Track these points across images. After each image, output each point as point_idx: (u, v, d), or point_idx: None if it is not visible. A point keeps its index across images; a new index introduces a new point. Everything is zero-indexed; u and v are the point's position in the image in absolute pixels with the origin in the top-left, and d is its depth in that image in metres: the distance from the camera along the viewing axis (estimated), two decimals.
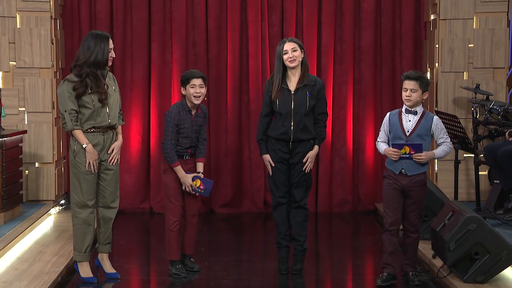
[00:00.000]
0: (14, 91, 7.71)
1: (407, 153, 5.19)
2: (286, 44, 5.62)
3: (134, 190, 8.18)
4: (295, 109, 5.60)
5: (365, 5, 8.15)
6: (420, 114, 5.28)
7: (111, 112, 5.38)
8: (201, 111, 5.71)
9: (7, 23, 7.67)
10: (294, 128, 5.61)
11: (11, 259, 5.89)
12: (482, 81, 7.64)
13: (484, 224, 5.21)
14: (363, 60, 8.21)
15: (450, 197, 6.82)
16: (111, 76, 5.51)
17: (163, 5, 8.15)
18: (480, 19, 7.75)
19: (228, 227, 7.83)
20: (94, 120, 5.34)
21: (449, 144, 5.34)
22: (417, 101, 5.28)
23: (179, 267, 5.70)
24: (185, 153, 5.65)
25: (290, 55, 5.58)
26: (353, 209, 8.24)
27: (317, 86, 5.65)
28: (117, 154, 5.45)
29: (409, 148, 5.19)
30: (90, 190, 5.39)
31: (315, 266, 6.22)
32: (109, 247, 5.60)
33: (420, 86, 5.23)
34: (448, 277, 5.33)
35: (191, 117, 5.64)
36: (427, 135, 5.27)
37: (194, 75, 5.63)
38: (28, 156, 7.69)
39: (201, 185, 5.63)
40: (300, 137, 5.63)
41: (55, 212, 7.60)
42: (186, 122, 5.60)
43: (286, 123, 5.61)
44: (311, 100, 5.63)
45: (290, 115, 5.60)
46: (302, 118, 5.61)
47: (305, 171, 5.68)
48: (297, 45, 5.63)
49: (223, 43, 8.18)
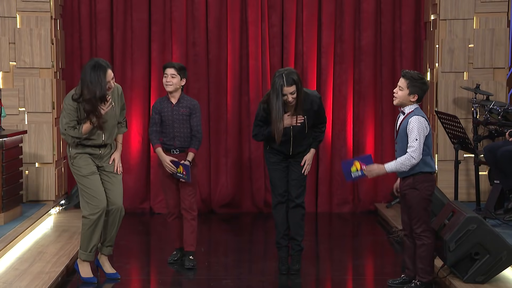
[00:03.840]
0: (14, 91, 7.71)
1: (359, 169, 4.97)
2: (285, 88, 5.44)
3: (134, 190, 8.18)
4: (294, 134, 5.63)
5: (365, 6, 8.14)
6: (406, 114, 5.09)
7: (106, 133, 5.43)
8: (185, 102, 5.88)
9: (7, 23, 7.67)
10: (293, 147, 5.67)
11: (11, 259, 5.89)
12: (482, 81, 7.64)
13: (484, 224, 5.21)
14: (363, 61, 8.20)
15: (450, 197, 6.81)
16: (116, 90, 5.47)
17: (163, 6, 8.15)
18: (480, 19, 7.75)
19: (228, 227, 7.83)
20: (89, 139, 5.40)
21: (409, 156, 4.95)
22: (403, 100, 5.07)
23: (173, 254, 6.04)
24: (171, 147, 5.87)
25: (289, 99, 5.48)
26: (353, 209, 8.23)
27: (313, 108, 5.61)
28: (118, 163, 5.53)
29: (359, 163, 5.02)
30: (98, 190, 5.40)
31: (315, 266, 6.21)
32: (110, 249, 5.60)
33: (408, 86, 5.03)
34: (448, 277, 5.32)
35: (171, 105, 5.87)
36: (404, 135, 5.06)
37: (167, 65, 5.92)
38: (28, 156, 7.69)
39: (183, 170, 5.80)
40: (298, 150, 5.70)
41: (55, 212, 7.60)
42: (166, 110, 5.87)
43: (287, 144, 5.64)
44: (309, 122, 5.63)
45: (289, 141, 5.65)
46: (301, 139, 5.67)
47: (304, 173, 5.70)
48: (295, 87, 5.46)
49: (223, 43, 8.18)
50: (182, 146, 5.88)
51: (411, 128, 4.98)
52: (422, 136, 4.98)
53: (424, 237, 5.09)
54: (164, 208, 7.73)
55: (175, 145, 5.87)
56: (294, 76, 5.47)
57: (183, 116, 5.86)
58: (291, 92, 5.45)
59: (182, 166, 5.81)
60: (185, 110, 5.87)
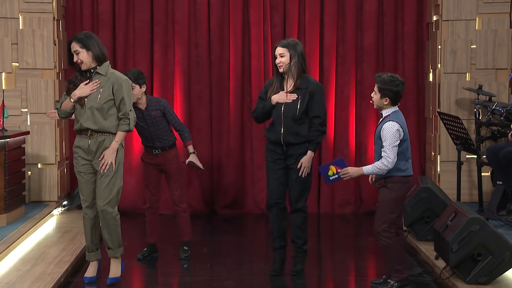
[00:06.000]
0: (16, 92, 7.72)
1: (335, 173, 5.09)
2: (276, 49, 5.54)
3: (136, 190, 8.18)
4: (284, 113, 5.53)
5: (367, 6, 8.14)
6: (383, 118, 5.10)
7: (84, 115, 5.26)
8: (153, 105, 6.03)
9: (10, 24, 7.68)
10: (284, 132, 5.54)
11: (13, 260, 5.90)
12: (485, 82, 7.64)
13: (487, 225, 5.21)
14: (365, 61, 8.20)
15: (452, 198, 6.81)
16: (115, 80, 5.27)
17: (165, 6, 8.16)
18: (482, 20, 7.75)
19: (230, 228, 7.83)
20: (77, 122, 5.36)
21: (384, 161, 4.98)
22: (378, 103, 5.09)
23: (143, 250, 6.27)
24: (152, 148, 6.11)
25: (277, 60, 5.54)
26: (355, 210, 8.23)
27: (309, 89, 5.51)
28: (105, 160, 5.25)
29: (334, 167, 5.11)
30: (83, 190, 5.38)
31: (317, 267, 6.22)
32: (111, 252, 5.47)
33: (379, 89, 5.06)
34: (451, 278, 5.32)
35: (141, 111, 6.03)
36: (379, 138, 5.09)
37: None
38: (30, 157, 7.70)
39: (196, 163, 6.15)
40: (291, 140, 5.56)
41: (57, 213, 7.60)
42: (138, 118, 6.01)
43: (278, 127, 5.56)
44: (302, 105, 5.51)
45: (280, 120, 5.55)
46: (292, 123, 5.53)
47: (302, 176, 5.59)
48: (286, 49, 5.49)
49: (225, 44, 8.19)
50: (163, 146, 6.11)
51: (384, 135, 5.02)
52: (395, 139, 4.99)
53: (383, 238, 5.10)
54: (166, 209, 7.76)
55: (155, 146, 6.10)
56: (291, 42, 5.54)
57: (157, 118, 6.04)
58: (280, 53, 5.49)
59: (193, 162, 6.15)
60: (157, 112, 6.05)
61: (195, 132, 8.18)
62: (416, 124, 8.24)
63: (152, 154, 6.12)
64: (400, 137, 5.03)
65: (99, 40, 5.34)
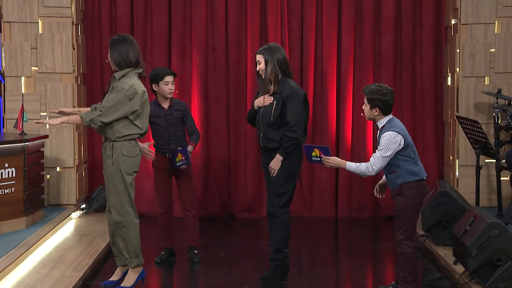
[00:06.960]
0: (36, 96, 7.77)
1: (318, 156, 5.16)
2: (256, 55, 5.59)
3: (153, 194, 8.19)
4: (262, 118, 5.59)
5: (385, 10, 8.12)
6: (380, 128, 5.06)
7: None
8: (176, 106, 6.16)
9: (29, 29, 7.74)
10: (262, 137, 5.60)
11: (33, 263, 5.94)
12: (504, 86, 7.58)
13: (506, 230, 5.17)
14: (383, 65, 8.18)
15: (471, 202, 6.77)
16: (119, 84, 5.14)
17: (183, 10, 8.19)
18: (501, 24, 7.70)
19: (248, 232, 7.83)
20: None
21: (369, 167, 4.97)
22: (369, 115, 5.06)
23: (161, 254, 6.28)
24: (166, 150, 6.14)
25: (257, 67, 5.59)
26: (373, 215, 8.20)
27: (282, 94, 5.49)
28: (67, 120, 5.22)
29: (318, 151, 5.15)
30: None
31: (334, 270, 6.20)
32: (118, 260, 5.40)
33: (368, 100, 5.01)
34: (470, 283, 5.29)
35: (163, 110, 6.12)
36: None
37: (167, 72, 6.15)
38: (49, 160, 7.75)
39: (182, 156, 6.05)
40: (267, 145, 5.60)
41: (76, 216, 7.65)
42: (159, 116, 6.10)
43: (258, 132, 5.65)
44: (276, 110, 5.51)
45: (259, 124, 5.62)
46: (267, 127, 5.56)
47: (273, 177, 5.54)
48: (261, 56, 5.52)
49: (242, 47, 8.20)
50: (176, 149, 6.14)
51: (382, 142, 4.97)
52: (389, 150, 4.94)
53: (404, 245, 5.03)
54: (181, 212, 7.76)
55: (170, 148, 6.14)
56: (268, 47, 5.54)
57: (177, 120, 6.17)
58: (257, 60, 5.57)
59: (180, 153, 6.07)
60: (178, 113, 6.18)
61: (212, 135, 8.19)
62: (434, 128, 8.20)
63: (164, 158, 6.16)
64: (399, 147, 4.97)
65: (129, 46, 5.16)
